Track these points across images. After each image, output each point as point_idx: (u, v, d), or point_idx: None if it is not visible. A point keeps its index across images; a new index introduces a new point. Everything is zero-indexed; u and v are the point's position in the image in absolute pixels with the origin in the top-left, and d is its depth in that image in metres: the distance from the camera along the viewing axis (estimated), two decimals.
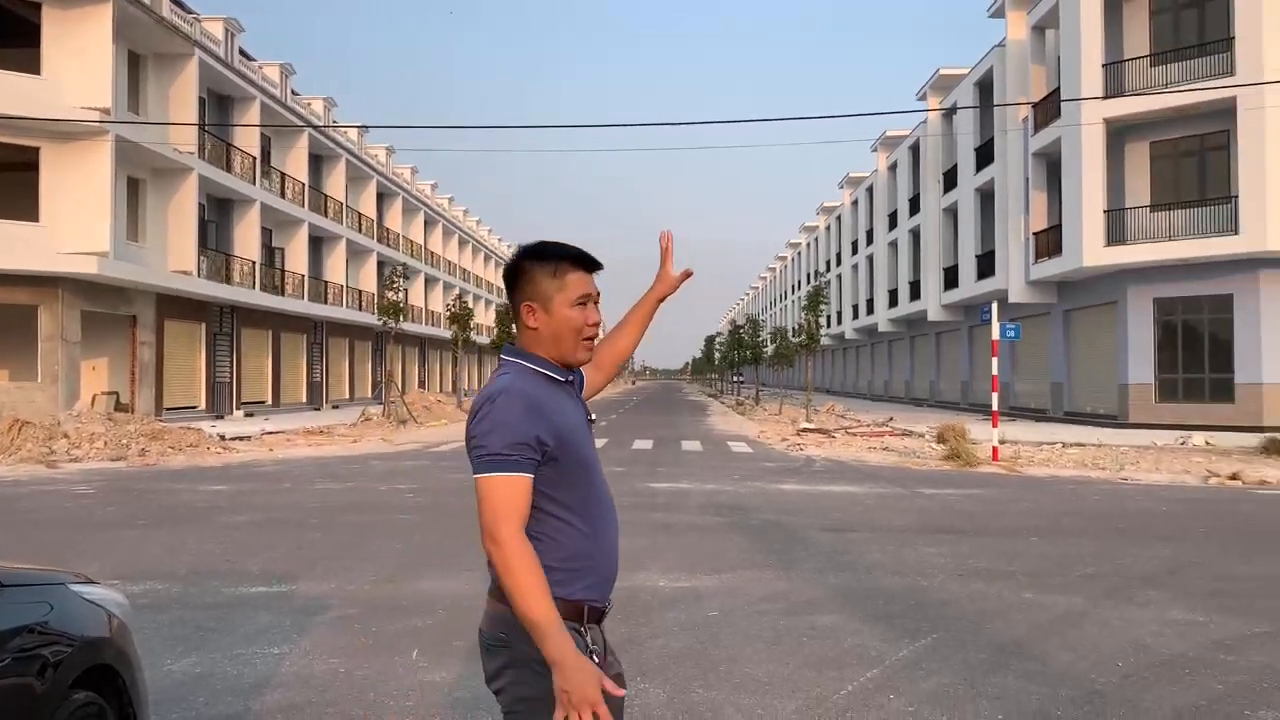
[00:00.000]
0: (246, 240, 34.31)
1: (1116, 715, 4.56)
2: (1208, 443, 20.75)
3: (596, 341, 2.42)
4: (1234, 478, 15.02)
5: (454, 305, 44.00)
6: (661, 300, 2.78)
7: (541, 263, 2.31)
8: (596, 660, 2.17)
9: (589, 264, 2.35)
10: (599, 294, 2.37)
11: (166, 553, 8.74)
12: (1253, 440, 20.04)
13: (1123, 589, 7.25)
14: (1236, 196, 24.04)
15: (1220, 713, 4.59)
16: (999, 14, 34.31)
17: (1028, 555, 8.66)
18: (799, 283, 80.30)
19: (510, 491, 2.11)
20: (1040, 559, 8.47)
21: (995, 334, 18.91)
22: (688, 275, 2.78)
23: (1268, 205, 22.99)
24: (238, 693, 4.87)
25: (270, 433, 25.03)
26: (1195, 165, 26.30)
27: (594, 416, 2.42)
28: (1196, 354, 25.98)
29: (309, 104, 43.46)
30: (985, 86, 36.12)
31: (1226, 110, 24.34)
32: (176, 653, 5.54)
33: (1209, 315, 25.73)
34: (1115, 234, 26.40)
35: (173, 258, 29.30)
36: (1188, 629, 6.09)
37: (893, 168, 51.30)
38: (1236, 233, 23.94)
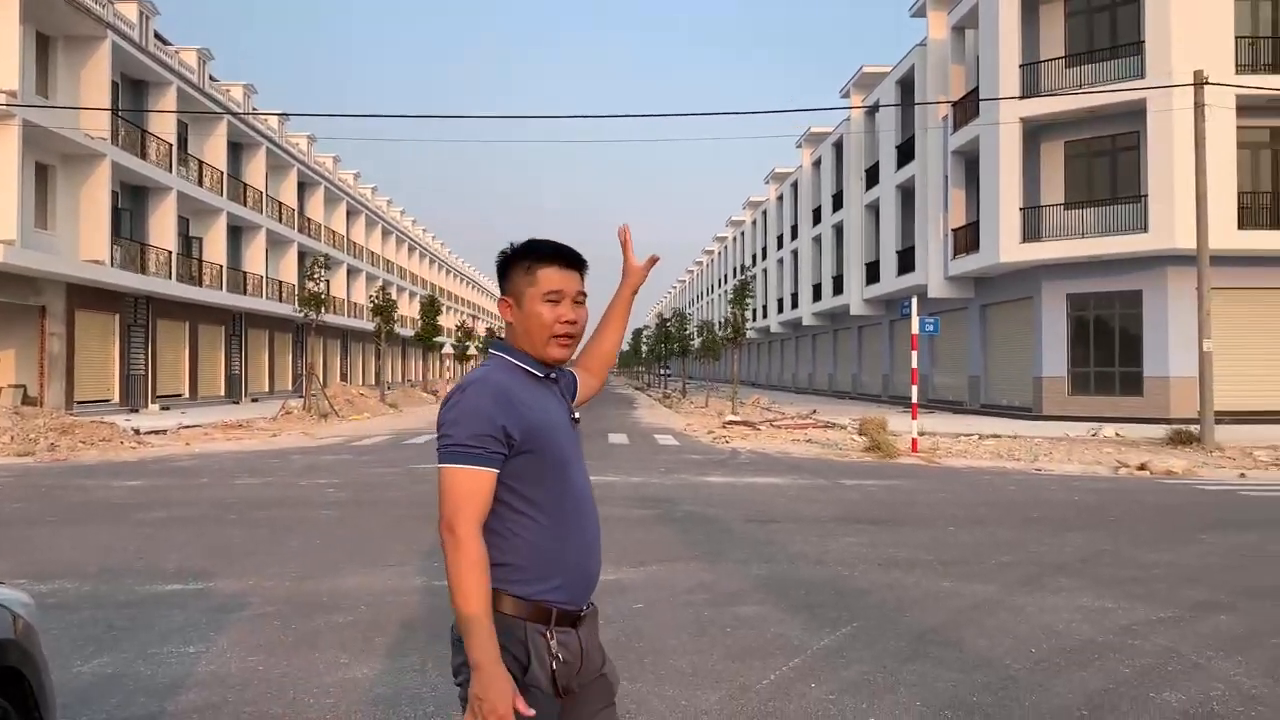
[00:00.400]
0: (162, 229, 33.46)
1: (1029, 700, 4.68)
2: (1117, 434, 21.40)
3: (577, 341, 2.34)
4: (1142, 468, 15.52)
5: (377, 297, 43.43)
6: (634, 292, 2.73)
7: (518, 259, 2.31)
8: (559, 664, 2.16)
9: (565, 260, 2.30)
10: (580, 292, 2.32)
11: (77, 551, 8.49)
12: (1160, 432, 20.72)
13: (1036, 577, 7.45)
14: (1146, 196, 24.80)
15: (1127, 695, 4.74)
16: (920, 13, 34.92)
17: (946, 544, 8.84)
18: (725, 277, 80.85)
19: (471, 485, 2.10)
20: (958, 548, 8.66)
21: (915, 328, 19.27)
22: (654, 261, 2.74)
23: (1175, 205, 23.76)
24: (151, 693, 4.75)
25: (187, 426, 24.45)
26: (1107, 165, 27.07)
27: (577, 416, 2.38)
28: (1107, 348, 26.77)
29: (228, 90, 42.46)
30: (907, 85, 36.73)
31: (1137, 112, 25.10)
32: (87, 654, 5.38)
33: (1119, 310, 26.52)
34: (1030, 231, 27.07)
35: (84, 246, 28.44)
36: (1097, 615, 6.27)
37: (817, 164, 51.91)
38: (1145, 231, 24.70)
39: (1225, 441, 18.86)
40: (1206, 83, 19.57)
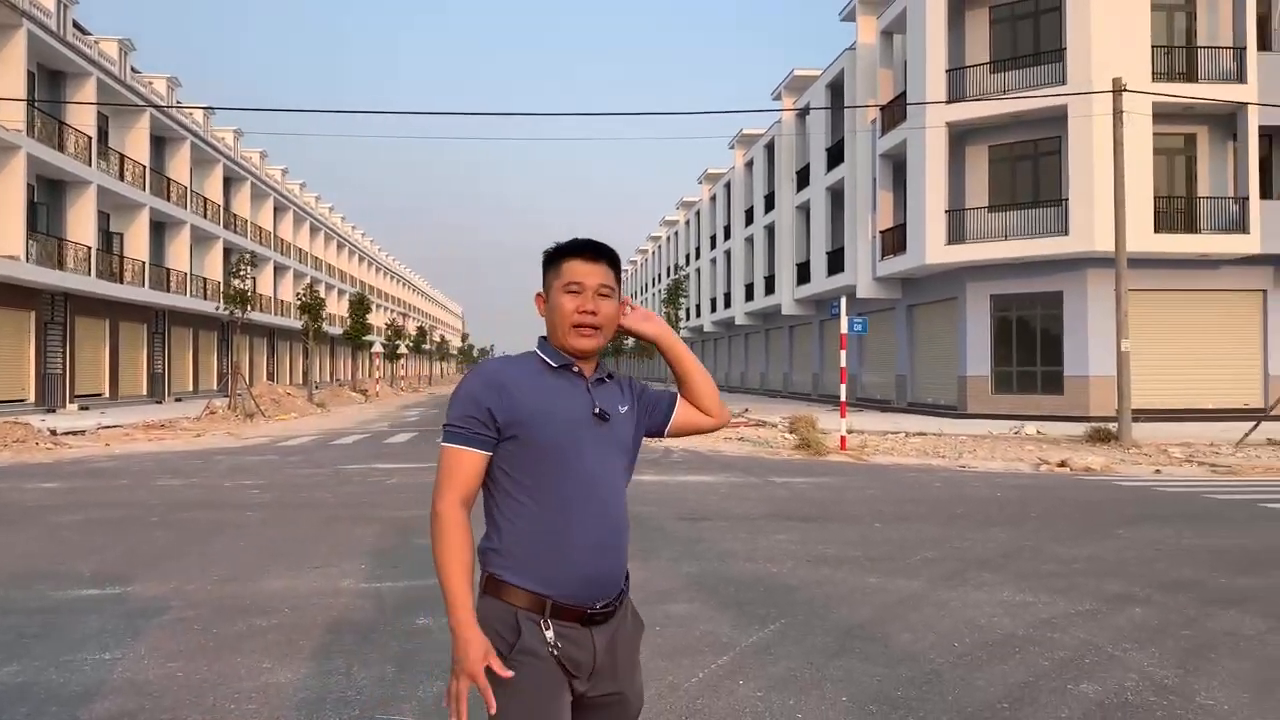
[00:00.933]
0: (81, 224, 32.50)
1: (952, 694, 4.76)
2: (1039, 432, 21.90)
3: (601, 332, 2.33)
4: (1062, 465, 15.90)
5: (305, 295, 42.73)
6: (650, 340, 2.53)
7: (550, 254, 2.39)
8: (559, 649, 2.19)
9: (589, 253, 2.35)
10: (606, 285, 2.34)
11: None
12: (1079, 429, 21.25)
13: (960, 572, 7.59)
14: (1067, 200, 25.41)
15: (1046, 687, 4.85)
16: (850, 18, 35.35)
17: (873, 541, 8.97)
18: (659, 276, 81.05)
19: (453, 462, 2.23)
20: (884, 544, 8.79)
21: (844, 328, 19.52)
22: (624, 304, 2.50)
23: (1095, 208, 24.38)
24: (64, 702, 4.61)
25: (107, 427, 23.82)
26: (1030, 169, 27.68)
27: (599, 410, 2.30)
28: (1029, 348, 27.38)
29: (151, 83, 41.47)
30: (837, 88, 37.16)
31: (1059, 117, 25.70)
32: None
33: (1041, 311, 27.15)
34: (955, 233, 27.57)
35: None
36: (1019, 609, 6.41)
37: (749, 165, 52.28)
38: (1066, 234, 25.31)
39: (1142, 439, 19.41)
40: (1124, 90, 20.12)
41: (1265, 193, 25.92)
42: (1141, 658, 5.34)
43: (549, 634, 2.19)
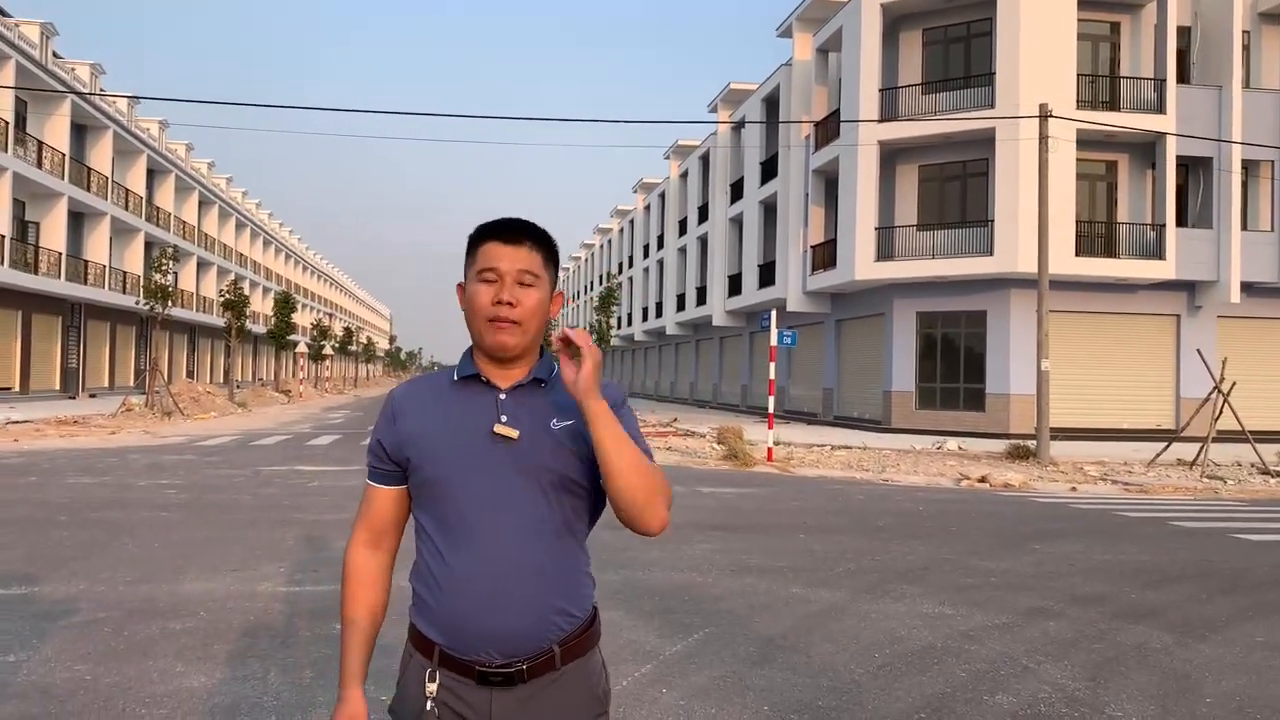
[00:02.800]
0: None
1: (872, 704, 4.82)
2: (960, 448, 22.31)
3: (522, 327, 1.93)
4: (982, 480, 16.22)
5: (229, 291, 41.87)
6: (591, 401, 1.86)
7: (469, 240, 2.01)
8: (433, 705, 1.90)
9: (507, 234, 1.96)
10: (527, 272, 1.94)
11: None
12: (1000, 446, 21.70)
13: (881, 584, 7.69)
14: (992, 221, 25.97)
15: (962, 698, 4.94)
16: (787, 34, 35.76)
17: (797, 552, 9.04)
18: (592, 283, 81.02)
19: (365, 497, 2.07)
20: (808, 555, 8.87)
21: (773, 340, 19.69)
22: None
23: (1019, 230, 24.94)
24: None
25: (16, 422, 23.06)
26: (958, 189, 28.24)
27: (501, 430, 1.91)
28: (953, 365, 27.91)
29: (73, 69, 40.29)
30: (772, 103, 37.53)
31: (988, 140, 26.27)
32: None
33: (965, 329, 27.69)
34: (884, 250, 28.00)
35: None
36: (937, 621, 6.52)
37: (684, 176, 52.53)
38: (991, 254, 25.85)
39: (1059, 456, 19.89)
40: (1050, 115, 20.65)
41: (1181, 220, 26.78)
42: (1054, 670, 5.47)
43: (431, 686, 1.90)
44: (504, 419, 1.92)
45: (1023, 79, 25.27)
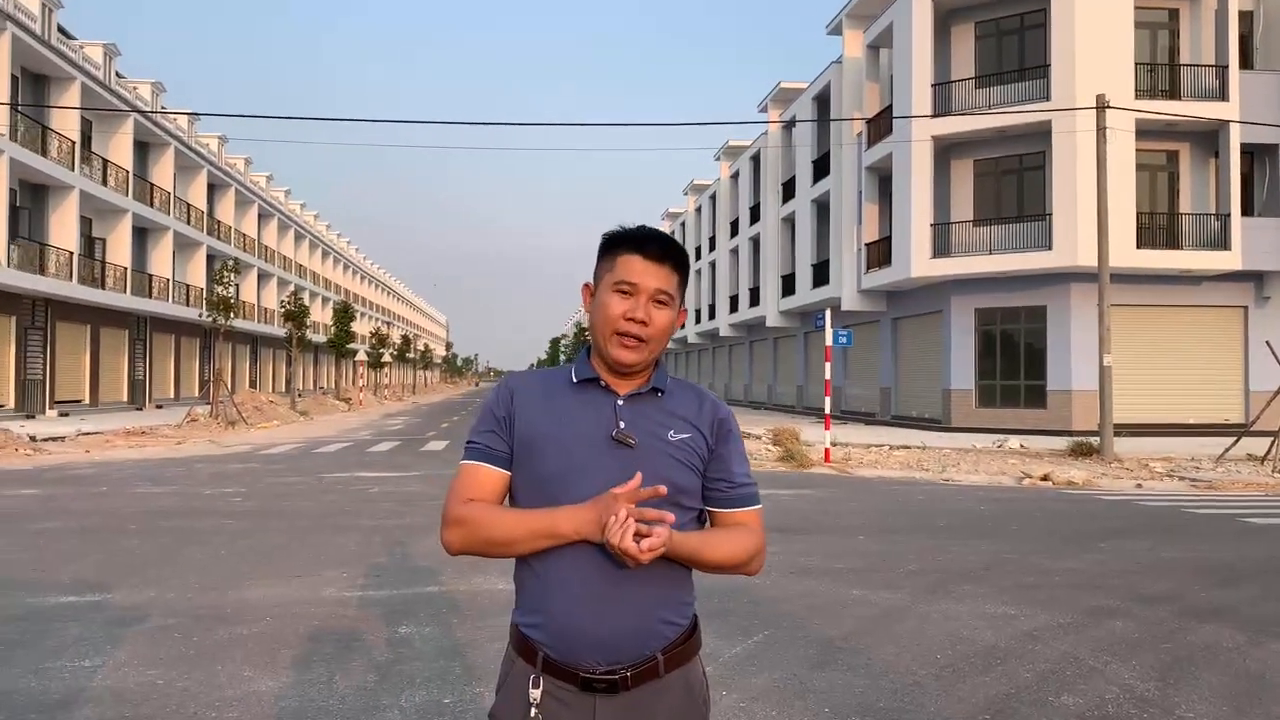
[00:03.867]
0: (63, 229, 32.32)
1: (934, 705, 4.77)
2: (1022, 446, 21.98)
3: (649, 346, 1.94)
4: (1045, 479, 15.96)
5: (289, 302, 42.60)
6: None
7: (607, 242, 2.00)
8: (537, 711, 1.86)
9: (653, 251, 1.94)
10: (663, 291, 1.94)
11: None
12: (1062, 443, 21.34)
13: (943, 585, 7.61)
14: (1050, 214, 25.57)
15: (1028, 699, 4.87)
16: (837, 31, 35.53)
17: (856, 553, 8.98)
18: None
19: (463, 476, 1.96)
20: (868, 556, 8.80)
21: (829, 340, 19.56)
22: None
23: (1078, 223, 24.53)
24: (43, 710, 4.57)
25: (87, 433, 23.65)
26: (1014, 183, 27.84)
27: (620, 435, 1.92)
28: (1013, 361, 27.51)
29: (135, 88, 41.29)
30: (823, 101, 37.31)
31: (1043, 133, 25.87)
32: None
33: (1025, 325, 27.28)
34: (940, 246, 27.70)
35: None
36: (1000, 621, 6.43)
37: (735, 177, 52.41)
38: (1050, 248, 25.45)
39: (1124, 453, 19.51)
40: (1108, 106, 20.28)
41: (1246, 209, 26.14)
42: (1122, 670, 5.37)
43: (535, 693, 1.87)
44: (622, 425, 1.93)
45: (1078, 70, 24.85)
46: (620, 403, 1.96)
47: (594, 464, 1.90)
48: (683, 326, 1.83)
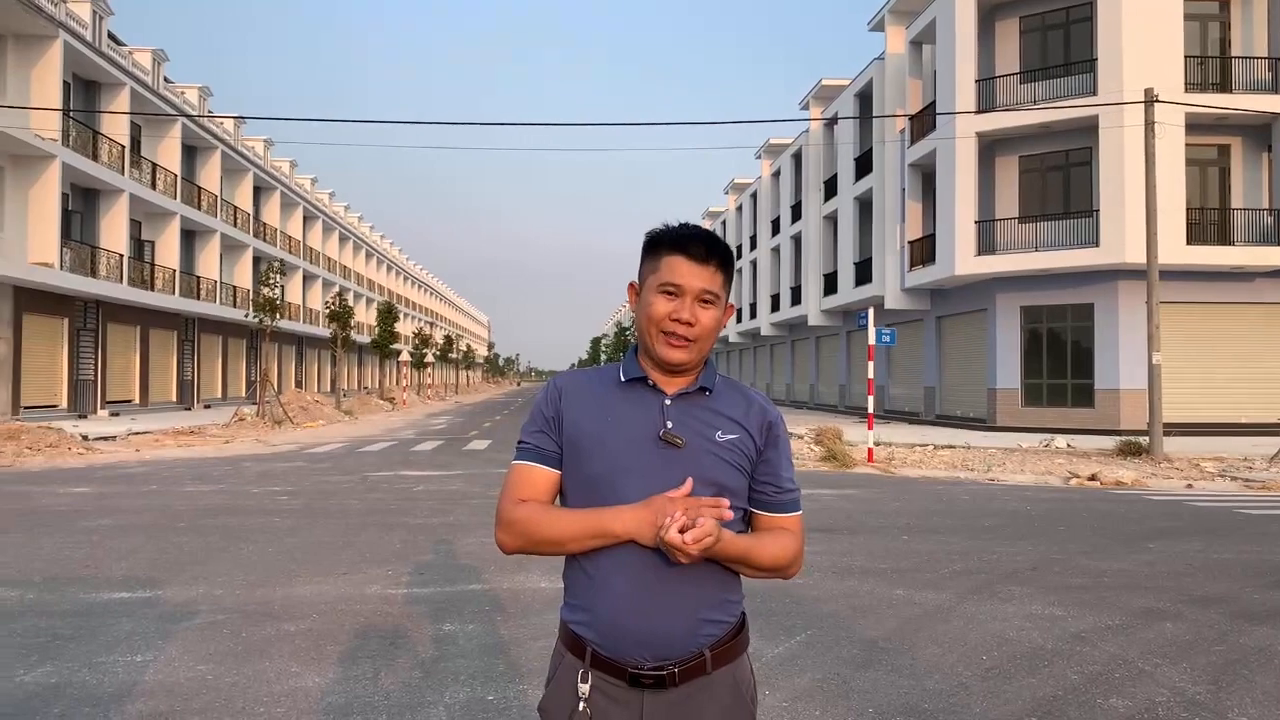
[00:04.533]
0: (114, 232, 32.93)
1: (980, 706, 4.73)
2: (1069, 445, 21.69)
3: (696, 346, 1.96)
4: (1093, 479, 15.75)
5: (333, 303, 43.06)
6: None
7: (651, 241, 2.00)
8: (584, 705, 1.88)
9: (697, 250, 1.94)
10: (709, 292, 1.95)
11: (21, 558, 8.32)
12: (1110, 443, 21.02)
13: (988, 585, 7.53)
14: (1097, 211, 25.21)
15: (1075, 701, 4.80)
16: (879, 28, 35.26)
17: (900, 553, 8.91)
18: None
19: (514, 476, 1.99)
20: (912, 556, 8.73)
21: (871, 339, 19.43)
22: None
23: (1126, 220, 24.17)
24: (96, 703, 4.66)
25: (137, 433, 24.07)
26: (1060, 180, 27.48)
27: (667, 435, 1.93)
28: (1059, 360, 27.15)
29: (183, 93, 41.95)
30: (865, 98, 37.06)
31: (1089, 128, 25.52)
32: (30, 662, 5.27)
33: (1071, 323, 26.91)
34: (985, 244, 27.41)
35: (33, 249, 27.91)
36: (1047, 622, 6.35)
37: (776, 175, 52.20)
38: (1097, 245, 25.10)
39: (1173, 453, 19.18)
40: (1157, 100, 19.96)
41: None
42: (1172, 673, 5.28)
43: (584, 687, 1.88)
44: (669, 425, 1.94)
45: (1126, 64, 24.48)
46: (668, 402, 1.97)
47: (640, 464, 1.91)
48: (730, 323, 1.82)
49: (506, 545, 1.96)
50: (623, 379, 2.00)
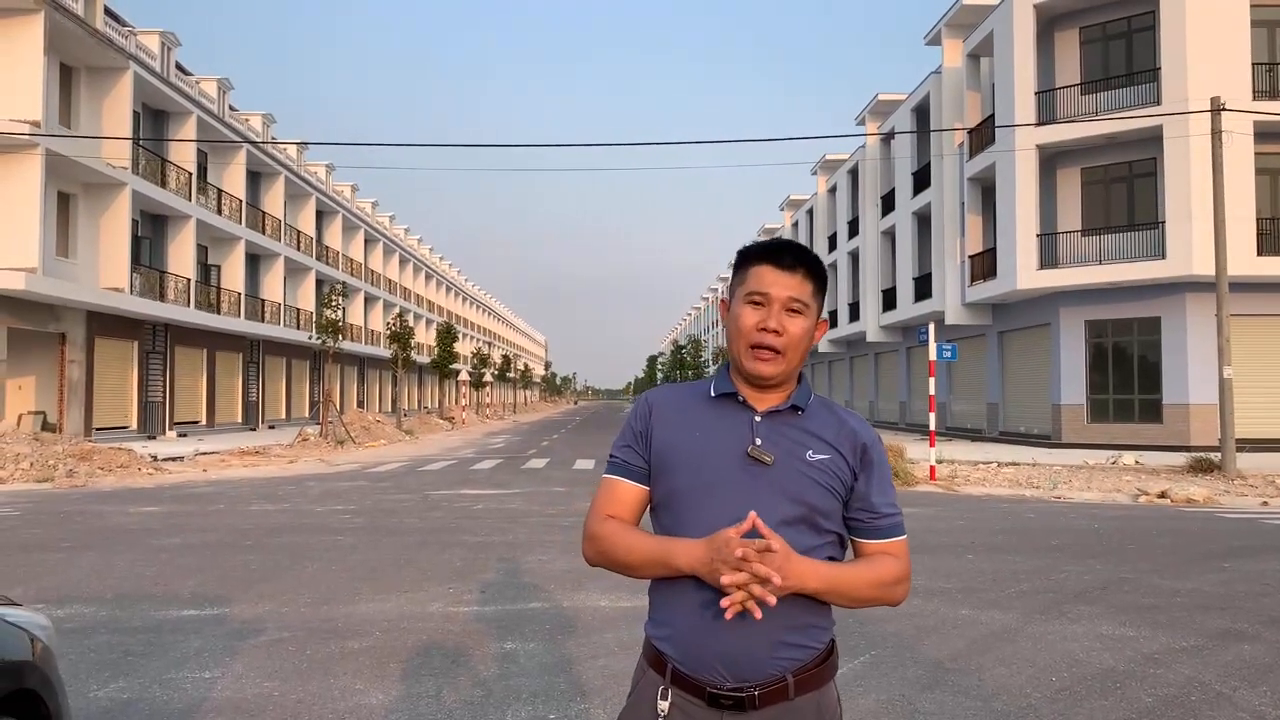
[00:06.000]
0: (181, 257, 33.74)
1: None
2: (1137, 462, 21.21)
3: (785, 358, 1.92)
4: (1162, 496, 15.37)
5: (394, 324, 43.65)
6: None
7: (739, 257, 2.00)
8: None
9: (783, 259, 1.93)
10: (796, 299, 1.92)
11: (94, 576, 8.51)
12: (1180, 459, 20.53)
13: (1056, 605, 7.37)
14: (1163, 222, 24.71)
15: None
16: (935, 41, 35.01)
17: (964, 572, 8.77)
18: None
19: (602, 491, 2.01)
20: (976, 576, 8.58)
21: (932, 355, 19.19)
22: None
23: (1193, 231, 23.66)
24: (167, 718, 4.74)
25: (204, 453, 24.55)
26: (1124, 191, 27.00)
27: (755, 450, 1.91)
28: (1126, 375, 26.60)
29: (247, 120, 42.93)
30: (922, 112, 36.78)
31: (1154, 138, 25.05)
32: (103, 678, 5.38)
33: (1138, 337, 26.37)
34: (1047, 257, 26.99)
35: (104, 274, 28.70)
36: (1118, 643, 6.20)
37: (832, 191, 51.96)
38: (1163, 257, 24.59)
39: (1247, 469, 18.66)
40: (1223, 109, 19.54)
41: None
42: (1252, 696, 5.12)
43: (663, 704, 1.86)
44: (758, 442, 1.91)
45: (1190, 72, 24.02)
46: (758, 419, 1.94)
47: (725, 480, 1.89)
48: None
49: (589, 559, 2.00)
50: (713, 394, 1.98)
